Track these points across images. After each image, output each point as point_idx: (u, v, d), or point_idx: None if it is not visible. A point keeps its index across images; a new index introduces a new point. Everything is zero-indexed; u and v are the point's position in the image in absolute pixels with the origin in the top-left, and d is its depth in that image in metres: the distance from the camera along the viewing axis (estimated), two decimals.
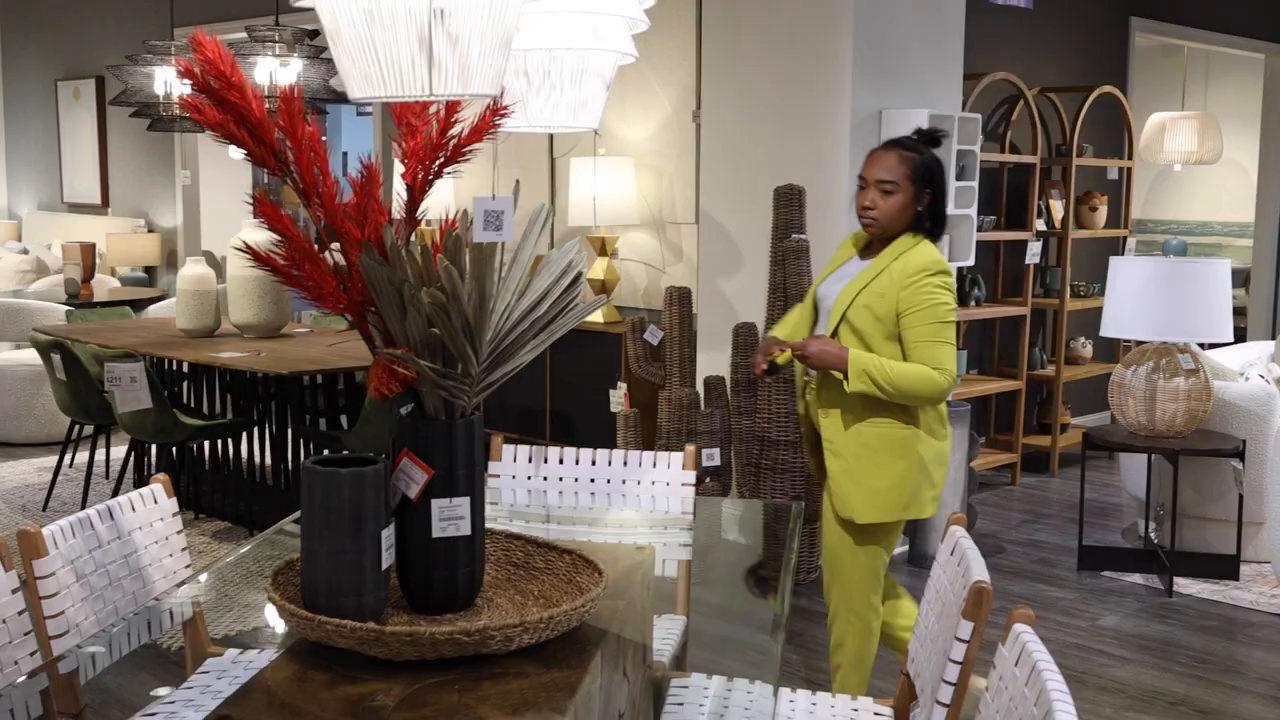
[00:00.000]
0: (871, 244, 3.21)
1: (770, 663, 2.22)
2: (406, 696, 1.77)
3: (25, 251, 9.22)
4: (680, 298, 4.88)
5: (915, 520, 4.95)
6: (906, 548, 5.15)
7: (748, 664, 2.53)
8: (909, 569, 5.04)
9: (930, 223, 3.16)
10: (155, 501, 2.63)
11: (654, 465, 3.07)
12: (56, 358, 5.15)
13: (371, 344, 2.03)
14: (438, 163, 2.03)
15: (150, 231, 9.29)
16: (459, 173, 2.06)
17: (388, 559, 1.97)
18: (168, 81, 5.53)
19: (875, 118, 4.85)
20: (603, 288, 5.92)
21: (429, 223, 5.88)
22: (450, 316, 1.88)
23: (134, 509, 2.57)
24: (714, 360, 5.13)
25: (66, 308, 6.74)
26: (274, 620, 2.48)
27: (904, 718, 2.51)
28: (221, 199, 9.12)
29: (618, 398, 5.49)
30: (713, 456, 4.57)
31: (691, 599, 2.73)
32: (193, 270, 5.48)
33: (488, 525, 2.28)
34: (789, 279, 4.52)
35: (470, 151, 2.05)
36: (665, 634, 2.67)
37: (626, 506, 3.04)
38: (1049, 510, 5.95)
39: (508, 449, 3.09)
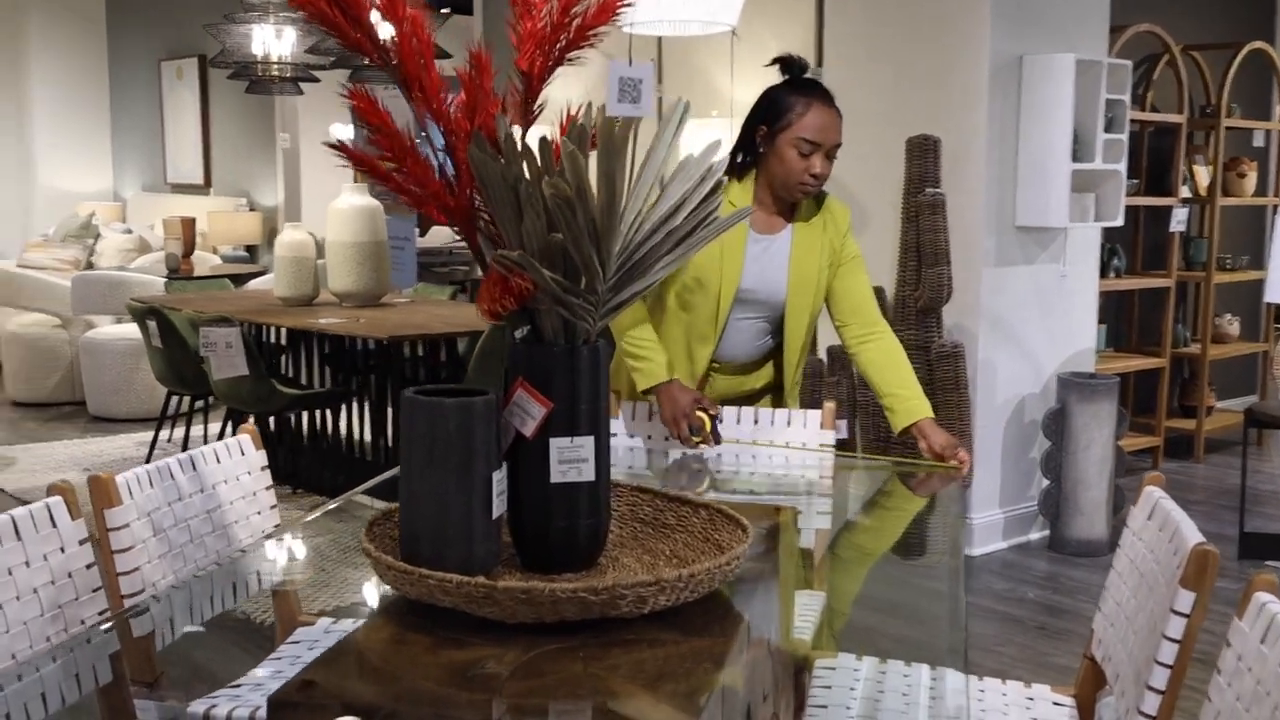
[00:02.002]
0: (757, 205, 2.77)
1: (953, 645, 1.90)
2: (522, 664, 1.48)
3: (129, 231, 9.18)
4: None
5: (1058, 503, 4.57)
6: (1047, 533, 4.76)
7: (898, 644, 2.22)
8: (1049, 555, 4.65)
9: None
10: (242, 453, 2.39)
11: (788, 424, 2.76)
12: (152, 324, 4.99)
13: (481, 257, 1.75)
14: (559, 47, 1.75)
15: (251, 210, 9.20)
16: (582, 60, 1.77)
17: (499, 506, 1.69)
18: (265, 42, 5.35)
19: (1015, 64, 4.48)
20: None
21: None
22: (575, 216, 1.59)
23: (218, 460, 2.33)
24: None
25: (165, 280, 6.63)
26: (339, 596, 2.23)
27: (1087, 707, 2.17)
28: (322, 178, 8.99)
29: None
30: (840, 429, 4.23)
31: (832, 572, 2.42)
32: (291, 236, 5.29)
33: (613, 478, 2.00)
34: (923, 236, 4.17)
35: (596, 35, 1.76)
36: (804, 609, 2.37)
37: (758, 469, 2.73)
38: (1197, 497, 5.52)
39: (625, 405, 2.80)
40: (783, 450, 2.74)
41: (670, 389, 2.66)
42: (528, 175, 1.63)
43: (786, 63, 2.74)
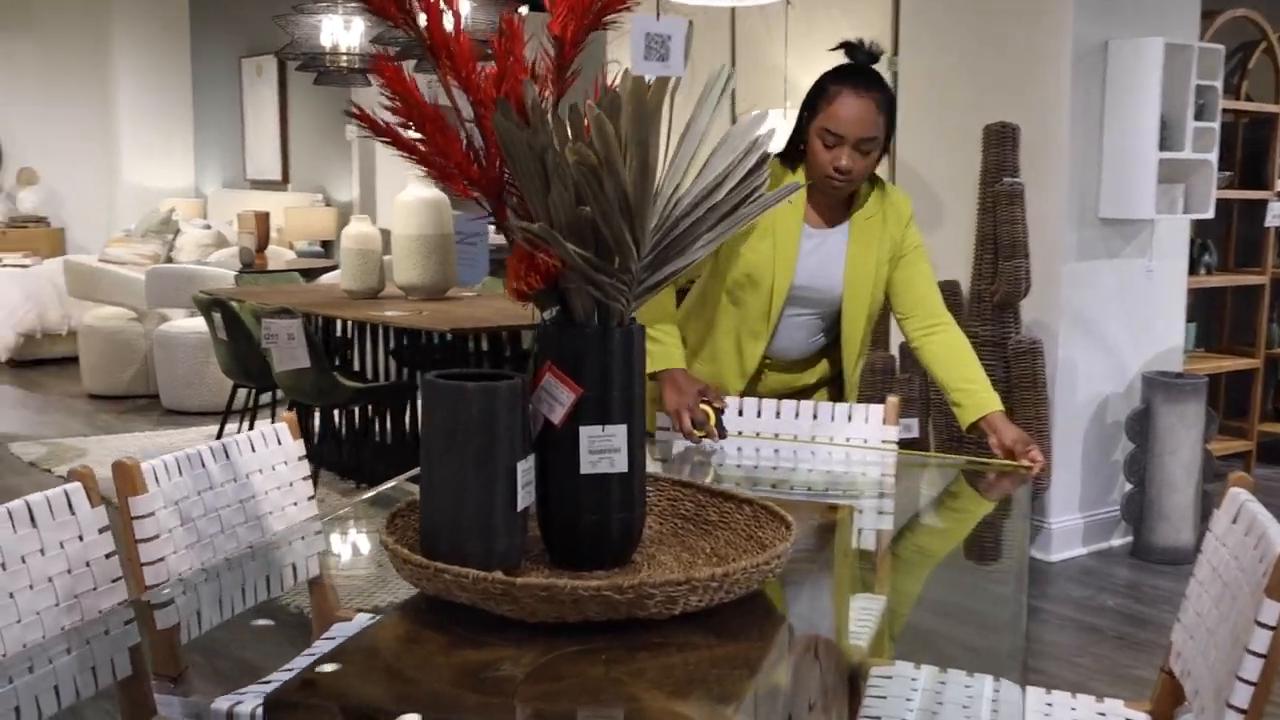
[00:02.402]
0: (811, 199, 2.61)
1: (1012, 652, 1.77)
2: (539, 667, 1.38)
3: (208, 227, 9.26)
4: None
5: (1142, 508, 4.39)
6: (1130, 539, 4.56)
7: (964, 653, 2.08)
8: (1131, 562, 4.45)
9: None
10: (279, 442, 2.31)
11: (849, 419, 2.63)
12: (217, 316, 4.98)
13: (510, 234, 1.65)
14: (594, 9, 1.64)
15: (327, 205, 9.23)
16: (619, 24, 1.67)
17: (525, 498, 1.59)
18: (334, 33, 5.32)
19: (1100, 49, 4.29)
20: None
21: None
22: (603, 188, 1.48)
23: (253, 449, 2.26)
24: None
25: (236, 273, 6.64)
26: (395, 592, 2.14)
27: None
28: (396, 173, 8.98)
29: None
30: (910, 428, 4.07)
31: (890, 575, 2.29)
32: (357, 228, 5.25)
33: (652, 472, 1.89)
34: (999, 227, 4.01)
35: None
36: (861, 615, 2.24)
37: (816, 466, 2.60)
38: None
39: None
40: (843, 447, 2.61)
41: (674, 376, 2.52)
42: (556, 145, 1.53)
43: (850, 48, 2.58)
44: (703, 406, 2.46)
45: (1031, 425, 4.06)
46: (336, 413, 5.41)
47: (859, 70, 2.53)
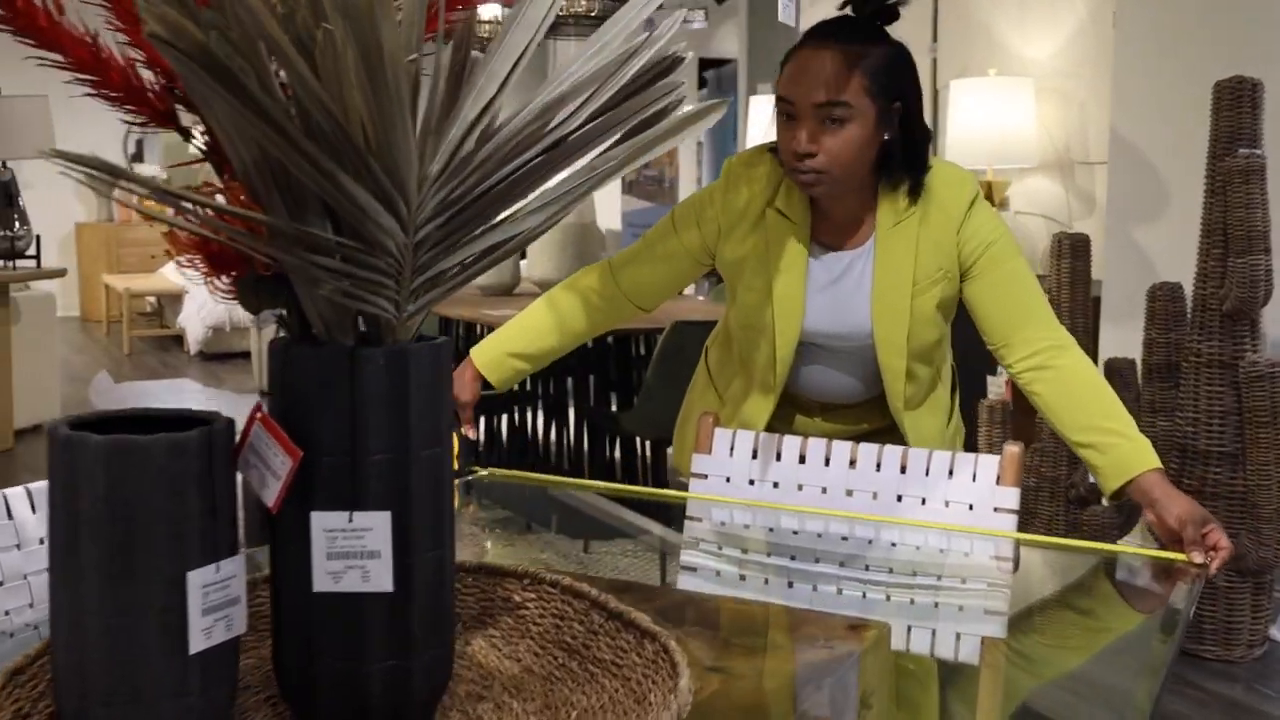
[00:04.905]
0: (819, 210, 1.87)
1: None
2: None
3: None
4: (1074, 248, 3.54)
5: None
6: None
7: None
8: None
9: (906, 155, 1.82)
10: None
11: (950, 474, 1.86)
12: None
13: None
14: None
15: None
16: None
17: (216, 630, 0.94)
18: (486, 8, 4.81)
19: None
20: None
21: None
22: (244, 94, 0.81)
23: None
24: (1121, 337, 3.77)
25: None
26: None
27: None
28: None
29: (997, 385, 4.29)
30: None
31: (1011, 704, 1.53)
32: None
33: (527, 569, 1.21)
34: (1231, 214, 3.10)
35: None
36: None
37: (902, 541, 1.85)
38: None
39: (722, 435, 1.98)
40: (939, 511, 1.85)
41: (461, 371, 1.93)
42: (239, 33, 0.87)
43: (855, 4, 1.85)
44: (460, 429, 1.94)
45: (1271, 471, 3.13)
46: None
47: (837, 20, 1.82)
